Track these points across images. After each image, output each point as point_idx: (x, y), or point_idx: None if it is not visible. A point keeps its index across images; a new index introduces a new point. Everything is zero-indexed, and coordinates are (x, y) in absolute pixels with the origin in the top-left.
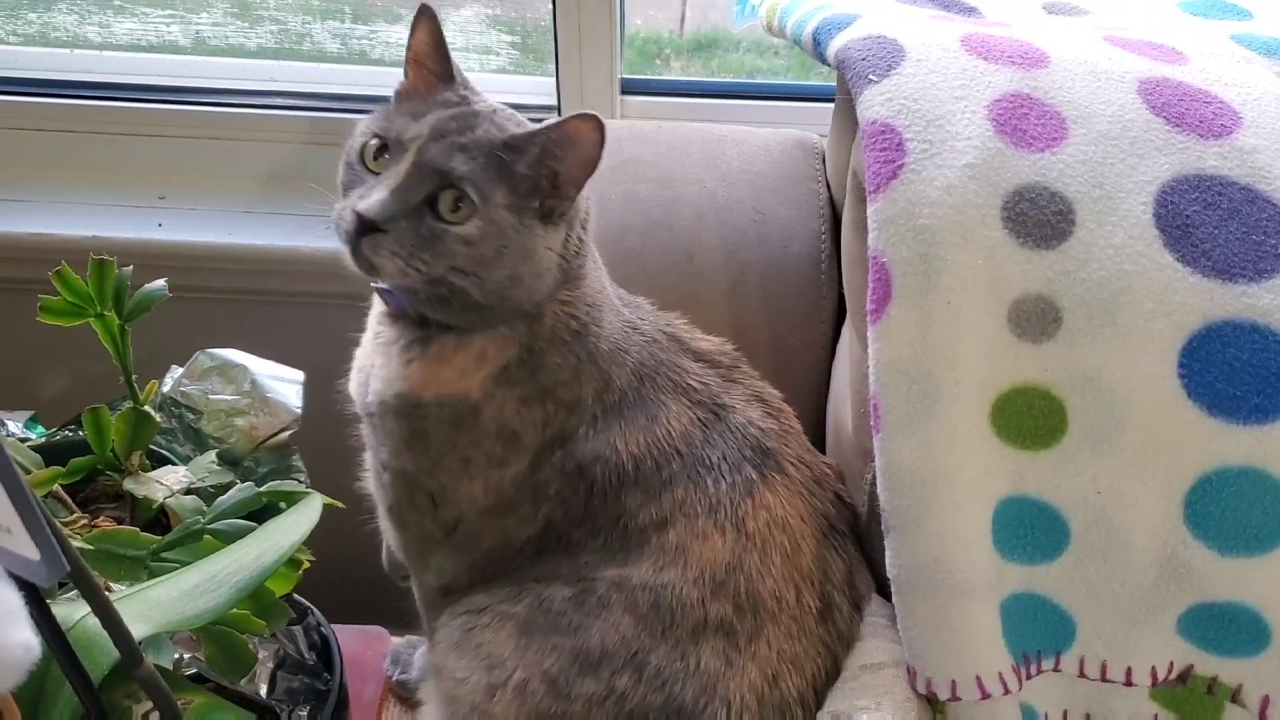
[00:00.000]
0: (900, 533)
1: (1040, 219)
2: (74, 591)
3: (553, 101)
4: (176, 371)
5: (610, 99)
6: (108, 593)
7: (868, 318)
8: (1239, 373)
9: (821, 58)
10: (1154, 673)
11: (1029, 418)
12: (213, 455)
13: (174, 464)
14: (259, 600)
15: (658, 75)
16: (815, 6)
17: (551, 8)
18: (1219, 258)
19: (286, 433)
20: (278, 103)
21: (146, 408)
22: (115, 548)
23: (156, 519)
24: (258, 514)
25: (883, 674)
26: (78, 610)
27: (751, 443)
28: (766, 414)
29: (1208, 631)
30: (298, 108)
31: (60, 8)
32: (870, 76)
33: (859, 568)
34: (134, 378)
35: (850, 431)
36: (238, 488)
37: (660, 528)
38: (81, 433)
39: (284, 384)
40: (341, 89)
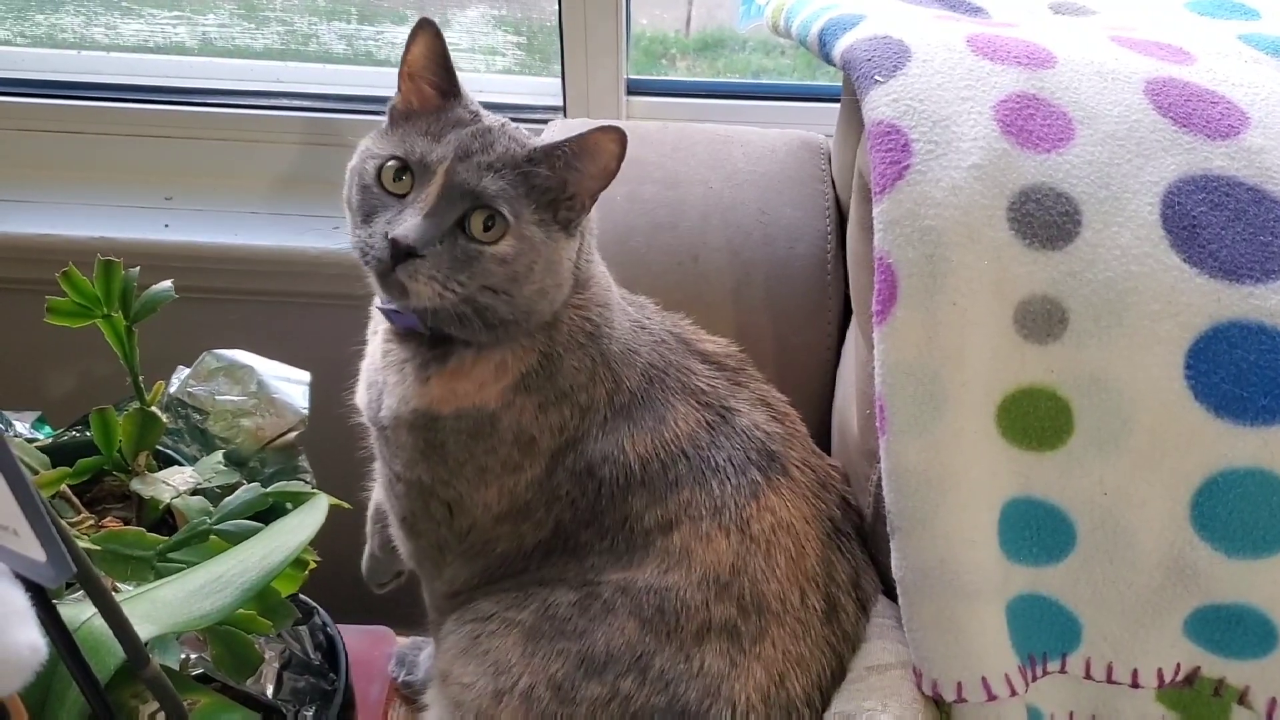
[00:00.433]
0: (906, 534)
1: (1046, 220)
2: (81, 592)
3: (558, 102)
4: (183, 372)
5: (616, 99)
6: (114, 593)
7: (873, 319)
8: (1246, 374)
9: (827, 58)
10: (1160, 674)
11: (1035, 419)
12: (219, 456)
13: (180, 464)
14: (265, 600)
15: (664, 75)
16: (821, 7)
17: (557, 8)
18: (1226, 258)
19: (293, 433)
20: (284, 104)
21: (153, 408)
22: (122, 548)
23: (163, 519)
24: (264, 514)
25: (889, 675)
26: (84, 611)
27: (757, 446)
28: (772, 418)
29: (1214, 633)
30: (304, 109)
31: (67, 9)
32: (876, 77)
33: (864, 569)
34: (140, 378)
35: (856, 433)
36: (244, 488)
37: (665, 530)
38: (88, 433)
39: (290, 385)
40: (347, 90)
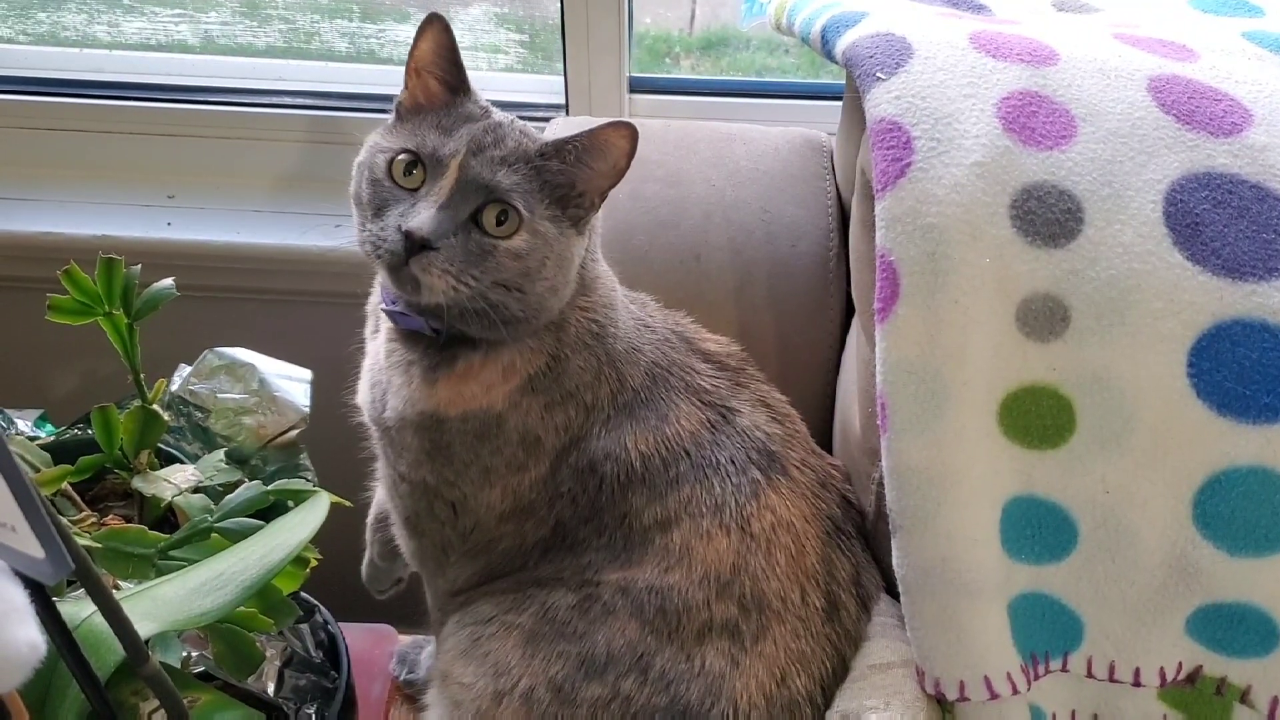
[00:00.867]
0: (908, 532)
1: (1049, 217)
2: (81, 589)
3: (560, 100)
4: (185, 370)
5: (618, 97)
6: (115, 591)
7: (875, 317)
8: (1249, 372)
9: (830, 56)
10: (1162, 673)
11: (1037, 417)
12: (221, 454)
13: (182, 462)
14: (266, 598)
15: (667, 74)
16: (823, 4)
17: (559, 6)
18: (1229, 256)
19: (294, 431)
20: (286, 102)
21: (155, 406)
22: (123, 546)
23: (165, 517)
24: (265, 512)
25: (891, 674)
26: (84, 608)
27: (757, 446)
28: (772, 418)
29: (1217, 632)
30: (306, 107)
31: (70, 7)
32: (878, 74)
33: (866, 567)
34: (142, 376)
35: (858, 431)
36: (245, 486)
37: (665, 528)
38: (90, 431)
39: (292, 383)
40: (350, 88)
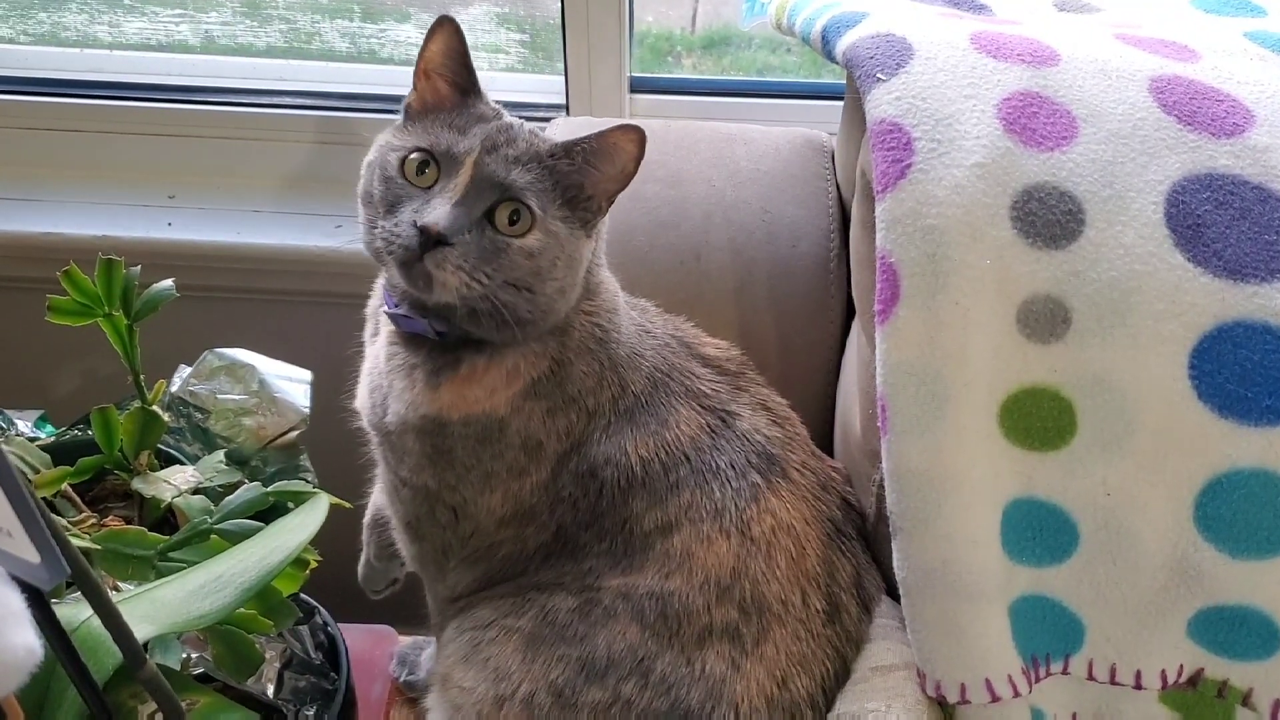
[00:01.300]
0: (908, 535)
1: (1050, 219)
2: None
3: (561, 100)
4: (185, 371)
5: (619, 97)
6: (115, 592)
7: (875, 318)
8: (1250, 374)
9: (830, 56)
10: (1164, 676)
11: (1038, 419)
12: (221, 455)
13: (182, 463)
14: (266, 600)
15: (669, 73)
16: (824, 4)
17: (560, 5)
18: (1230, 258)
19: (294, 432)
20: (287, 102)
21: (155, 407)
22: (123, 547)
23: (165, 518)
24: (265, 514)
25: (893, 676)
26: (82, 611)
27: (757, 449)
28: (772, 421)
29: (1218, 634)
30: (307, 107)
31: (70, 7)
32: (879, 75)
33: (867, 569)
34: (142, 377)
35: (858, 432)
36: (245, 487)
37: (665, 533)
38: (90, 432)
39: (292, 384)
40: (351, 88)
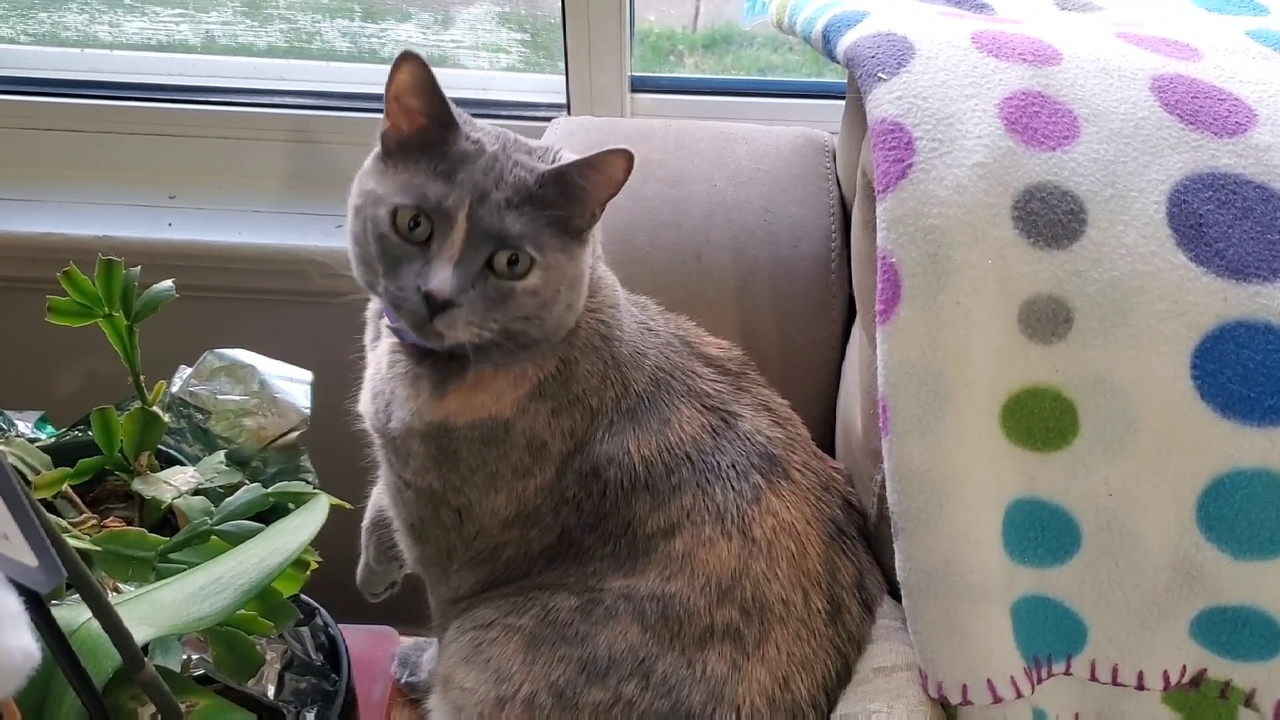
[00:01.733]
0: (910, 535)
1: (1051, 218)
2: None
3: (562, 99)
4: (185, 371)
5: (620, 97)
6: (115, 594)
7: (877, 318)
8: (1253, 374)
9: (831, 55)
10: (1166, 676)
11: (1039, 419)
12: (221, 455)
13: (182, 464)
14: (266, 601)
15: (671, 72)
16: (825, 3)
17: (561, 5)
18: (1233, 257)
19: (295, 433)
20: (288, 102)
21: (155, 408)
22: (123, 548)
23: (165, 519)
24: (265, 514)
25: (895, 677)
26: (81, 614)
27: (759, 450)
28: (774, 422)
29: (1221, 635)
30: (308, 107)
31: (71, 7)
32: (880, 74)
33: (869, 570)
34: (142, 378)
35: (860, 433)
36: (246, 488)
37: (668, 535)
38: (90, 433)
39: (292, 384)
40: (352, 88)
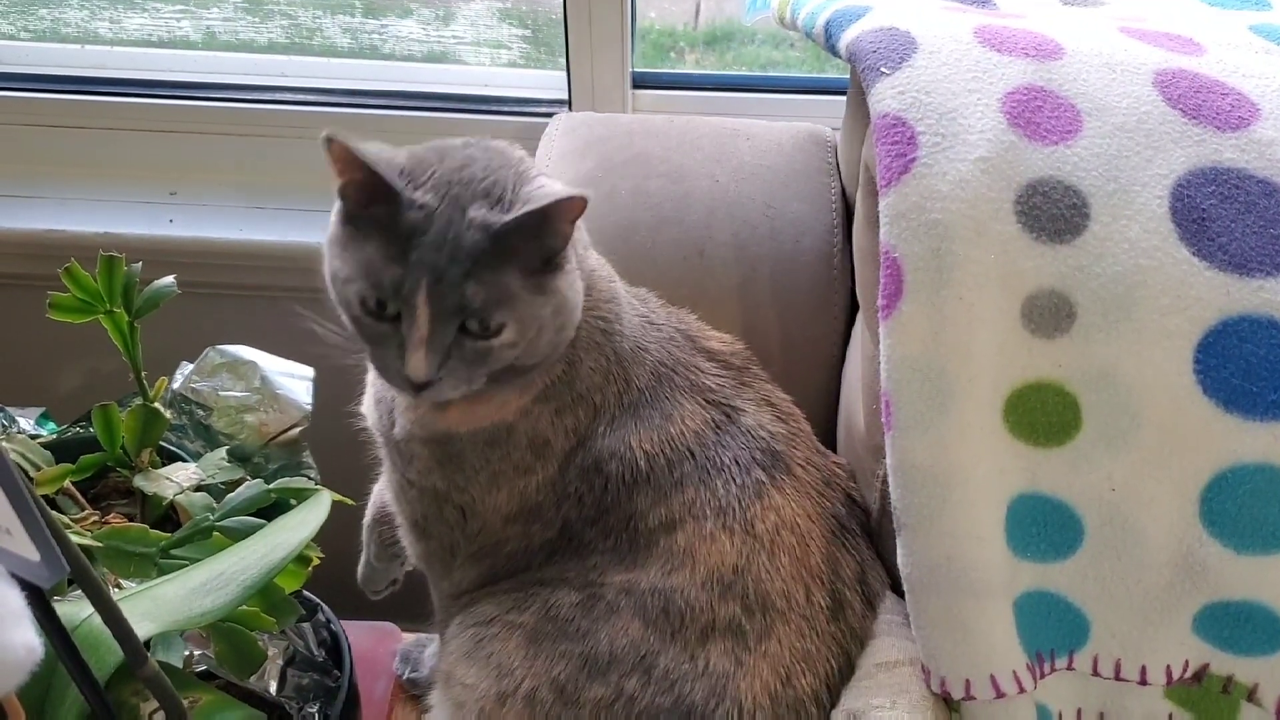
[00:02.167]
0: (912, 531)
1: (1054, 213)
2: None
3: (564, 95)
4: (187, 368)
5: (622, 93)
6: (117, 590)
7: (879, 313)
8: (1256, 368)
9: (833, 50)
10: (1169, 671)
11: (1042, 414)
12: (223, 452)
13: (184, 460)
14: (268, 597)
15: (672, 68)
16: None
17: (562, 1)
18: (1236, 252)
19: (297, 429)
20: (288, 98)
21: (156, 404)
22: (125, 545)
23: (167, 515)
24: (267, 510)
25: (898, 672)
26: (83, 609)
27: (761, 445)
28: (776, 418)
29: (1223, 630)
30: (308, 103)
31: (71, 3)
32: (882, 69)
33: (871, 565)
34: (144, 374)
35: (862, 428)
36: (247, 484)
37: (669, 530)
38: (92, 429)
39: (294, 380)
40: (352, 84)
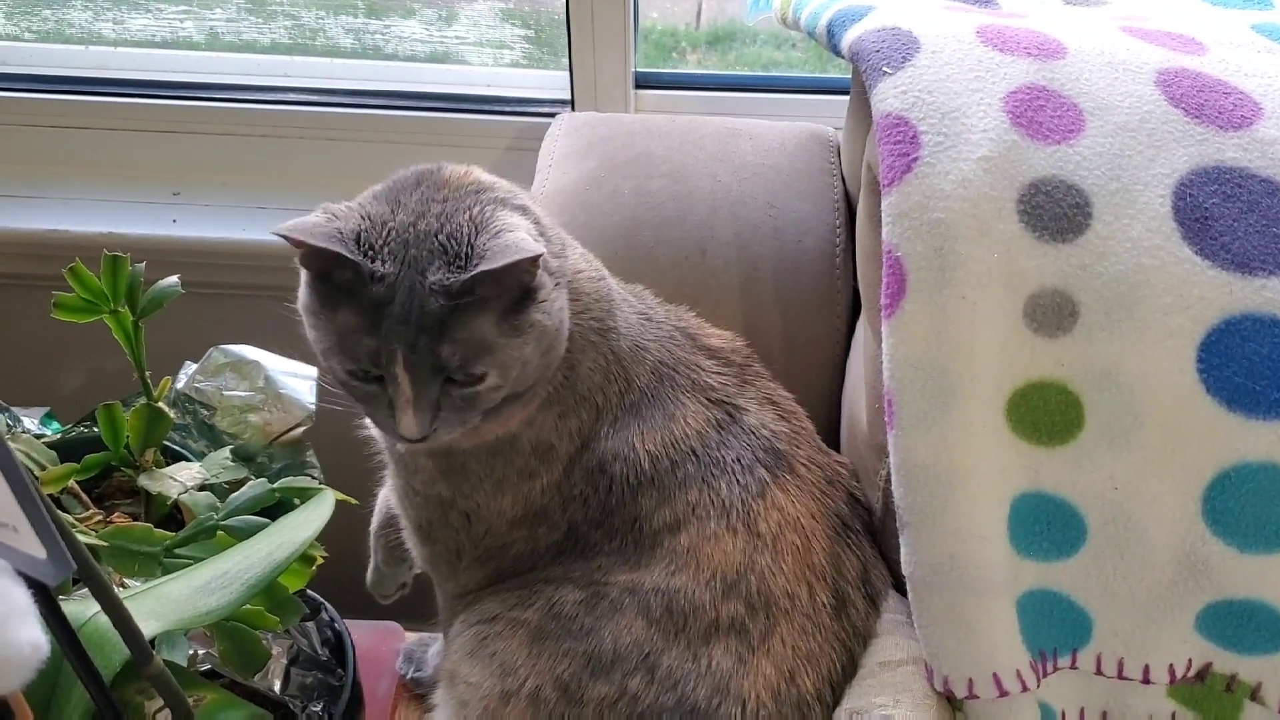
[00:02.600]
0: (915, 529)
1: (1057, 212)
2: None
3: (566, 95)
4: (190, 368)
5: (624, 93)
6: (121, 589)
7: (882, 312)
8: (1259, 367)
9: (836, 50)
10: (1172, 670)
11: (1045, 413)
12: (227, 451)
13: (188, 460)
14: (272, 596)
15: (674, 69)
16: None
17: (564, 1)
18: (1238, 250)
19: (300, 429)
20: (291, 98)
21: (160, 404)
22: (129, 544)
23: (171, 515)
24: (271, 510)
25: (901, 671)
26: (89, 607)
27: (764, 444)
28: (779, 416)
29: (1226, 629)
30: (311, 103)
31: (75, 4)
32: (884, 69)
33: (874, 564)
34: (148, 374)
35: (865, 427)
36: (251, 484)
37: (673, 530)
38: (96, 429)
39: (298, 380)
40: (355, 84)
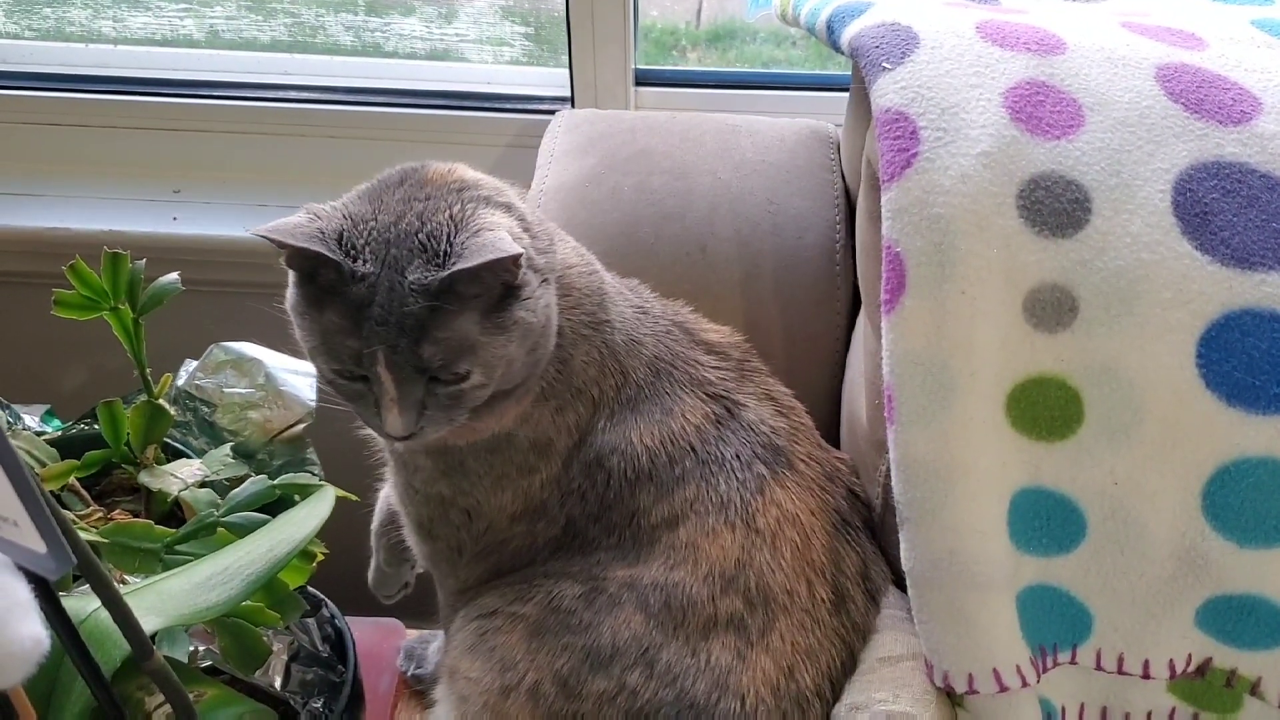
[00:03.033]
0: (915, 525)
1: (1056, 207)
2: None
3: (566, 93)
4: (191, 365)
5: (624, 90)
6: (122, 585)
7: (882, 308)
8: (1258, 362)
9: (835, 46)
10: (1172, 665)
11: (1045, 408)
12: (227, 448)
13: (189, 457)
14: (273, 593)
15: (674, 66)
16: None
17: None
18: (1238, 246)
19: (300, 425)
20: (291, 96)
21: (161, 401)
22: (130, 540)
23: (171, 512)
24: (271, 507)
25: (901, 667)
26: (89, 603)
27: (763, 440)
28: (777, 412)
29: (1227, 624)
30: (311, 101)
31: (75, 2)
32: (884, 64)
33: (873, 560)
34: (148, 371)
35: (865, 423)
36: (251, 480)
37: (671, 526)
38: (97, 426)
39: (298, 377)
40: (355, 82)
